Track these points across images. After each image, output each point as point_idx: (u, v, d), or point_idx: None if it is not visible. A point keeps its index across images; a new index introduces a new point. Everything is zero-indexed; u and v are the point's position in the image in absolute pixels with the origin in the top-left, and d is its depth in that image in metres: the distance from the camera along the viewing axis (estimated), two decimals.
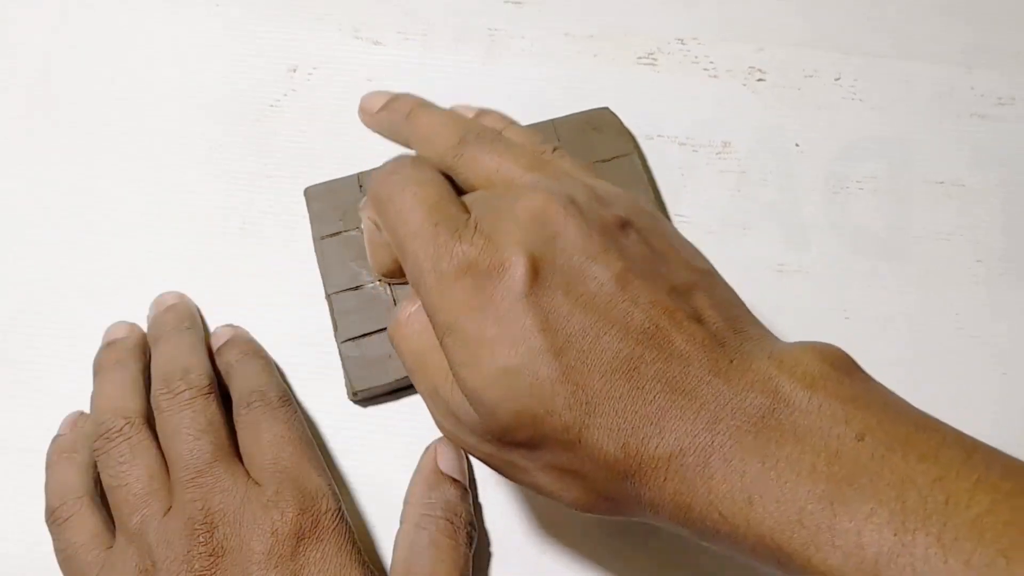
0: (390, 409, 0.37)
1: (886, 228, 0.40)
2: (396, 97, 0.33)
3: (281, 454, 0.32)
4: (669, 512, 0.23)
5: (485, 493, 0.35)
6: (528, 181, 0.27)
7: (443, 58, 0.44)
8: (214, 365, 0.35)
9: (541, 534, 0.35)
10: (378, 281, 0.37)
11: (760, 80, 0.44)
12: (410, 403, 0.37)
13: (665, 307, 0.24)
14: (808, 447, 0.21)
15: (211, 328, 0.38)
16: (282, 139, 0.42)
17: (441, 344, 0.25)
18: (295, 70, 0.43)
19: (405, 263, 0.27)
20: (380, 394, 0.37)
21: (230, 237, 0.40)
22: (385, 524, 0.35)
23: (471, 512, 0.33)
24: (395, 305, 0.36)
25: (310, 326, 0.38)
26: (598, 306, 0.24)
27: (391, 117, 0.33)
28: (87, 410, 0.35)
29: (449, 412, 0.26)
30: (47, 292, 0.39)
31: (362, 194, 0.39)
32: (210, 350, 0.36)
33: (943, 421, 0.23)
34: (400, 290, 0.37)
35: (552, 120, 0.40)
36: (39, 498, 0.33)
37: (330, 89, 0.43)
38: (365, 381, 0.36)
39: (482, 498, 0.35)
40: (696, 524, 0.23)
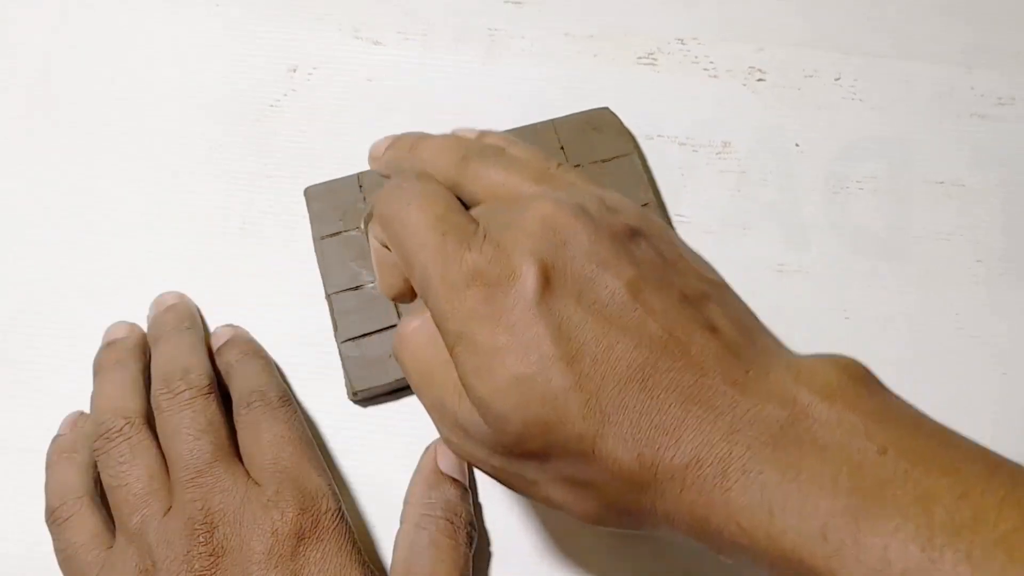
0: (390, 409, 0.37)
1: (886, 228, 0.40)
2: (399, 136, 0.33)
3: (281, 454, 0.32)
4: (686, 524, 0.23)
5: (485, 493, 0.35)
6: (535, 192, 0.27)
7: (443, 58, 0.44)
8: (214, 365, 0.36)
9: (541, 534, 0.35)
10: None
11: (760, 80, 0.44)
12: (410, 403, 0.37)
13: (679, 315, 0.24)
14: (830, 459, 0.21)
15: (211, 328, 0.38)
16: (282, 139, 0.42)
17: (451, 354, 0.25)
18: (295, 70, 0.43)
19: (412, 275, 0.26)
20: (380, 394, 0.37)
21: (230, 237, 0.40)
22: (385, 524, 0.35)
23: (471, 512, 0.33)
24: (395, 305, 0.36)
25: (310, 326, 0.38)
26: (611, 314, 0.24)
27: (396, 154, 0.33)
28: (87, 410, 0.35)
29: (457, 425, 0.26)
30: (47, 292, 0.39)
31: (362, 194, 0.39)
32: (210, 350, 0.36)
33: (963, 435, 0.22)
34: None
35: (552, 120, 0.40)
36: (39, 498, 0.33)
37: (330, 89, 0.43)
38: (365, 381, 0.36)
39: (482, 498, 0.35)
40: (714, 537, 0.22)
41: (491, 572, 0.34)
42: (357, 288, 0.37)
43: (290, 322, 0.38)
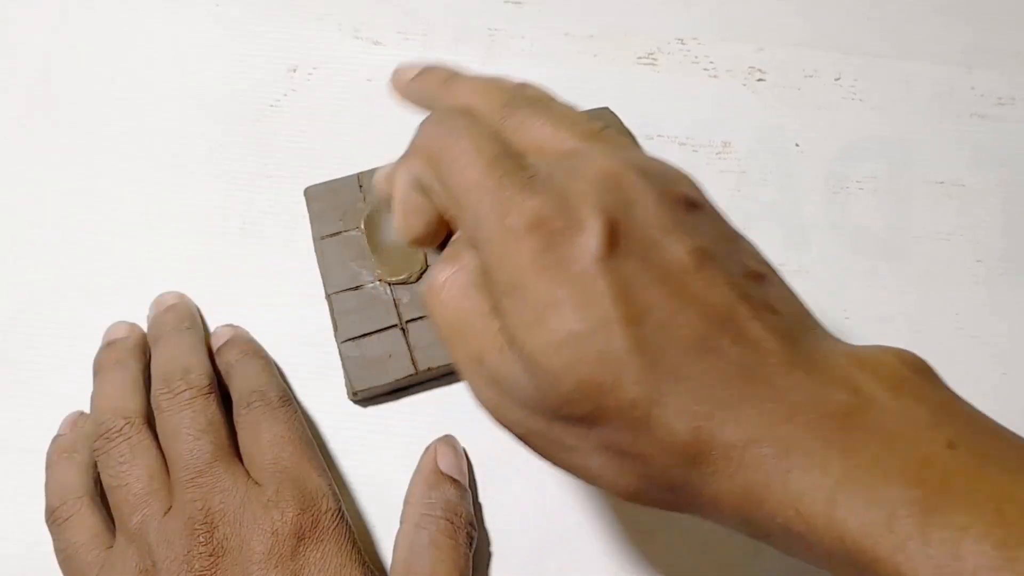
0: (390, 409, 0.37)
1: (886, 228, 0.40)
2: (431, 66, 0.31)
3: (281, 454, 0.32)
4: (733, 506, 0.22)
5: (485, 493, 0.35)
6: (590, 147, 0.25)
7: (443, 58, 0.44)
8: (214, 365, 0.36)
9: (541, 534, 0.35)
10: (378, 281, 0.37)
11: (760, 80, 0.44)
12: (410, 403, 0.37)
13: (741, 292, 0.23)
14: (897, 450, 0.20)
15: (211, 328, 0.38)
16: (282, 139, 0.42)
17: (498, 304, 0.23)
18: (295, 70, 0.43)
19: (463, 217, 0.24)
20: (380, 394, 0.37)
21: (230, 237, 0.40)
22: (385, 524, 0.35)
23: (471, 512, 0.33)
24: (395, 305, 0.36)
25: (310, 326, 0.38)
26: (675, 282, 0.22)
27: (426, 85, 0.30)
28: (87, 410, 0.35)
29: (494, 382, 0.24)
30: (47, 292, 0.39)
31: (362, 194, 0.39)
32: (210, 350, 0.36)
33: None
34: (400, 290, 0.37)
35: None
36: (39, 498, 0.33)
37: (330, 89, 0.43)
38: (365, 381, 0.36)
39: (482, 498, 0.35)
40: (764, 522, 0.21)
41: (491, 572, 0.34)
42: (357, 288, 0.37)
43: (290, 322, 0.38)
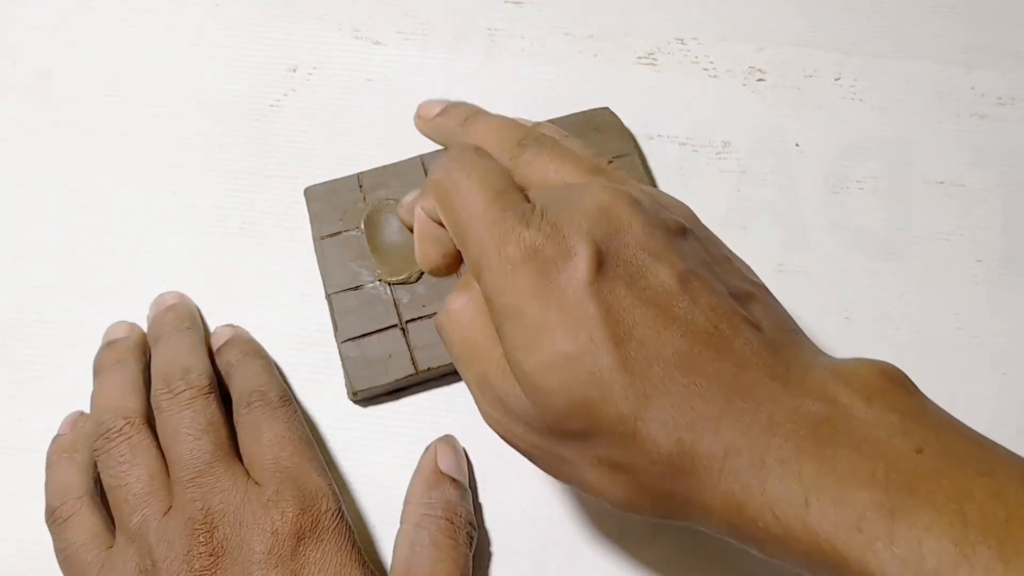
0: (390, 409, 0.37)
1: (886, 228, 0.40)
2: (451, 104, 0.34)
3: (281, 454, 0.32)
4: (719, 514, 0.23)
5: (485, 493, 0.35)
6: (590, 180, 0.28)
7: (443, 58, 0.44)
8: (214, 365, 0.36)
9: (541, 534, 0.35)
10: (378, 281, 0.37)
11: (760, 80, 0.44)
12: (410, 403, 0.37)
13: (724, 310, 0.24)
14: (867, 455, 0.21)
15: (211, 328, 0.38)
16: (282, 139, 0.42)
17: (499, 329, 0.25)
18: (295, 70, 0.43)
19: (467, 247, 0.27)
20: (380, 394, 0.37)
21: (230, 237, 0.40)
22: (385, 524, 0.35)
23: (471, 512, 0.33)
24: (395, 306, 0.36)
25: (310, 326, 0.38)
26: (660, 302, 0.24)
27: (447, 123, 0.33)
28: (87, 410, 0.35)
29: (498, 400, 0.26)
30: (47, 292, 0.39)
31: (362, 194, 0.39)
32: (210, 350, 0.36)
33: (997, 441, 0.23)
34: (401, 290, 0.37)
35: (552, 120, 0.40)
36: (39, 498, 0.33)
37: (330, 89, 0.43)
38: (365, 381, 0.36)
39: (482, 498, 0.35)
40: (747, 527, 0.23)
41: (491, 572, 0.34)
42: (357, 288, 0.37)
43: (290, 322, 0.38)
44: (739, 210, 0.41)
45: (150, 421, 0.33)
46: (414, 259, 0.36)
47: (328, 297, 0.37)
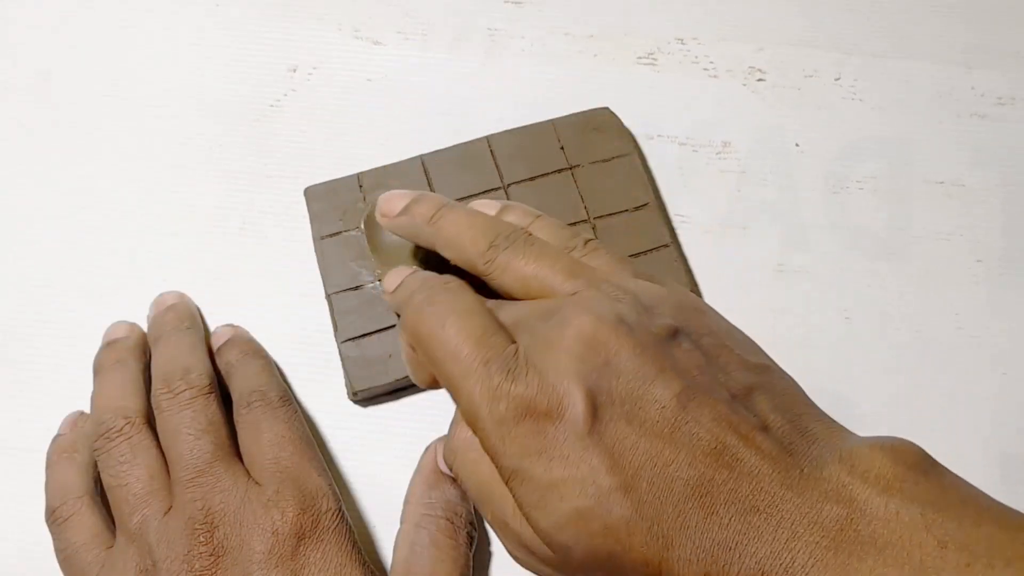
0: (390, 409, 0.37)
1: (886, 228, 0.40)
2: (415, 200, 0.33)
3: (281, 454, 0.32)
4: None
5: None
6: (569, 292, 0.27)
7: (443, 58, 0.44)
8: (214, 365, 0.36)
9: None
10: (378, 281, 0.37)
11: (760, 80, 0.44)
12: (410, 403, 0.37)
13: (729, 421, 0.24)
14: (891, 560, 0.21)
15: (211, 328, 0.38)
16: (282, 139, 0.42)
17: (507, 486, 0.25)
18: (295, 70, 0.43)
19: (458, 402, 0.26)
20: (380, 394, 0.37)
21: (230, 237, 0.40)
22: (385, 524, 0.35)
23: (471, 512, 0.33)
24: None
25: (310, 326, 0.38)
26: (662, 431, 0.24)
27: (413, 221, 0.32)
28: (87, 410, 0.35)
29: (521, 544, 0.26)
30: (47, 292, 0.39)
31: (362, 194, 0.39)
32: (210, 350, 0.36)
33: (1020, 512, 0.22)
34: None
35: (552, 120, 0.40)
36: (39, 498, 0.33)
37: (330, 89, 0.43)
38: (365, 381, 0.36)
39: None
40: None
41: (491, 572, 0.34)
42: (357, 288, 0.37)
43: (290, 322, 0.38)
44: (739, 210, 0.41)
45: (150, 421, 0.33)
46: (414, 259, 0.36)
47: (328, 297, 0.37)
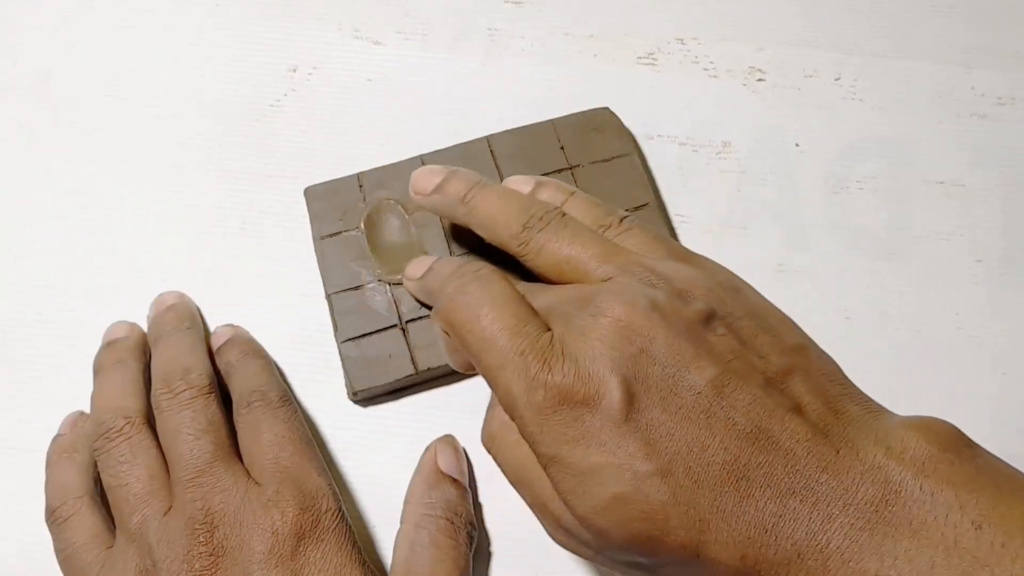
0: (390, 409, 0.37)
1: (886, 228, 0.40)
2: (448, 178, 0.33)
3: (281, 454, 0.32)
4: None
5: (485, 493, 0.35)
6: (602, 277, 0.27)
7: (443, 58, 0.44)
8: (214, 365, 0.36)
9: (541, 534, 0.35)
10: (378, 281, 0.37)
11: (760, 80, 0.44)
12: (410, 403, 0.37)
13: (764, 405, 0.24)
14: (926, 541, 0.21)
15: (211, 328, 0.38)
16: (282, 139, 0.42)
17: (545, 470, 0.25)
18: (295, 70, 0.43)
19: (496, 391, 0.27)
20: (380, 394, 0.37)
21: (230, 237, 0.40)
22: (385, 524, 0.35)
23: (471, 512, 0.33)
24: (395, 306, 0.36)
25: (310, 326, 0.38)
26: (698, 416, 0.24)
27: (446, 200, 0.33)
28: (87, 410, 0.35)
29: (560, 527, 0.26)
30: (47, 292, 0.39)
31: (362, 194, 0.39)
32: (210, 350, 0.36)
33: None
34: (400, 290, 0.37)
35: (552, 120, 0.40)
36: (39, 498, 0.33)
37: (330, 89, 0.43)
38: (365, 381, 0.36)
39: (482, 498, 0.35)
40: None
41: (491, 572, 0.34)
42: (357, 288, 0.37)
43: (290, 322, 0.38)
44: (739, 210, 0.41)
45: (150, 421, 0.33)
46: (414, 259, 0.36)
47: (328, 297, 0.37)
